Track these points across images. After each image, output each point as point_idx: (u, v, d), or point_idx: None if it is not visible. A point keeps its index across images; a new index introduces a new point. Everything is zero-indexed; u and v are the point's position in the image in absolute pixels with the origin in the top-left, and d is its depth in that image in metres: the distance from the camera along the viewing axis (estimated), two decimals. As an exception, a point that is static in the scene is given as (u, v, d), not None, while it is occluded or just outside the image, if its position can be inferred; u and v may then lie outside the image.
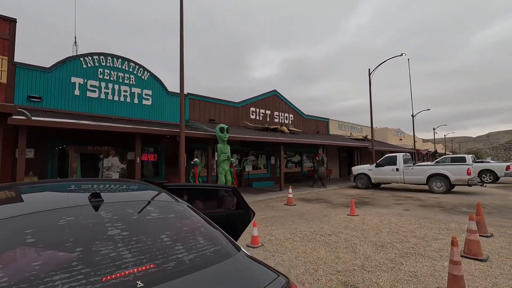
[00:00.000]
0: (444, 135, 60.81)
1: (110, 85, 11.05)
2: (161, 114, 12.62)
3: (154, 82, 12.46)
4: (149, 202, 1.82)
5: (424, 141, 49.52)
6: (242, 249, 1.62)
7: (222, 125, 10.15)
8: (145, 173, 12.28)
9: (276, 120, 18.10)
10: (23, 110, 6.62)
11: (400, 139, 33.99)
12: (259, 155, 17.33)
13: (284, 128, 16.63)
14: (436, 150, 38.75)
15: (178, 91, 13.58)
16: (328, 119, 23.70)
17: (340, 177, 23.89)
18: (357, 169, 15.93)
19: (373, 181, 15.00)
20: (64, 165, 9.78)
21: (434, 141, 45.76)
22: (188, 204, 1.95)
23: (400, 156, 14.35)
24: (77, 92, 10.26)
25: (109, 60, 11.07)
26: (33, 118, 6.71)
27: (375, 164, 15.09)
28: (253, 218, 3.26)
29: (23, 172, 7.06)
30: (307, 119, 21.19)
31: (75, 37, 19.43)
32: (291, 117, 19.40)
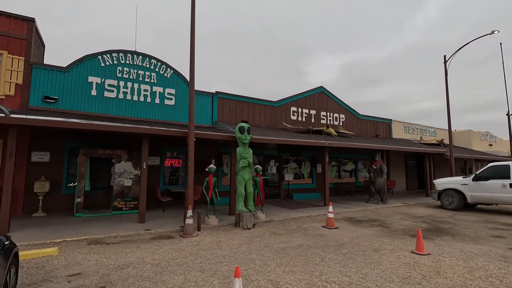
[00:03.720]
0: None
1: (129, 84, 10.23)
2: (187, 115, 11.40)
3: (179, 80, 11.33)
4: None
5: (524, 147, 39.61)
6: None
7: (243, 125, 8.30)
8: (166, 180, 11.15)
9: (323, 121, 15.49)
10: (2, 107, 5.83)
11: (490, 145, 27.30)
12: (303, 162, 14.93)
13: (331, 130, 13.94)
14: (543, 159, 30.25)
15: (206, 90, 12.37)
16: (391, 119, 19.88)
17: (407, 190, 19.70)
18: (442, 183, 11.84)
19: (469, 200, 10.89)
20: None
21: (539, 147, 36.10)
22: None
23: None
24: (94, 92, 9.63)
25: (128, 57, 10.30)
26: (12, 115, 5.88)
27: (473, 176, 11.09)
28: None
29: (11, 176, 6.29)
30: (363, 120, 17.92)
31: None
32: (342, 118, 16.50)
